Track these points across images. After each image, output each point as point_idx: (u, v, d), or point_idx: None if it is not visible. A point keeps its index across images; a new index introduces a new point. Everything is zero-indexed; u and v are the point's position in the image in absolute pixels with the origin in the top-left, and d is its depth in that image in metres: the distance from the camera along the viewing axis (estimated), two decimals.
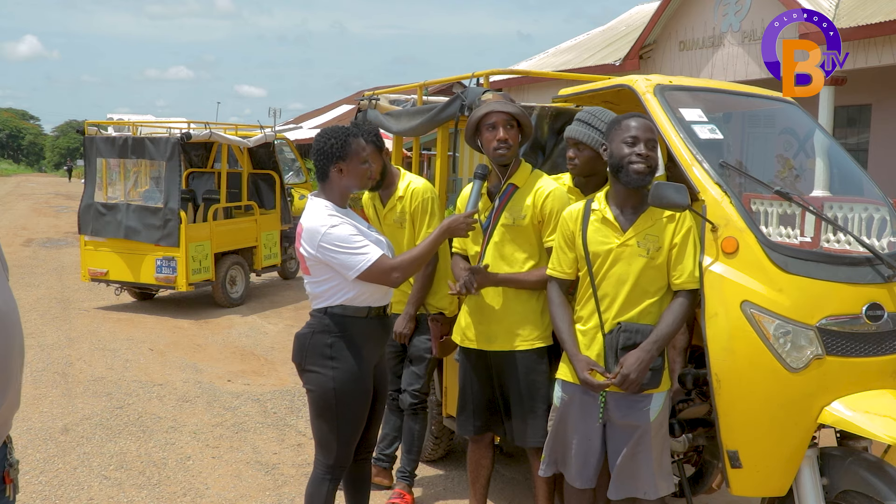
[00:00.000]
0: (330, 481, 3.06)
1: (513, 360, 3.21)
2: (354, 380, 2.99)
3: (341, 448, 3.04)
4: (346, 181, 3.02)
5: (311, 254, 2.95)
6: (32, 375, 6.26)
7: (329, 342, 2.97)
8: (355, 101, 5.74)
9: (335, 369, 2.96)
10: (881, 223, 8.43)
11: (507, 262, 3.19)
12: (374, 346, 3.10)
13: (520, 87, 16.35)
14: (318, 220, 2.93)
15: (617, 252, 2.83)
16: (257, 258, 9.94)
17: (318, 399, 3.01)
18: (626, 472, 2.86)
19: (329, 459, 3.06)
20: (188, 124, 9.51)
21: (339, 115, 29.83)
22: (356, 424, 3.05)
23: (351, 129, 3.12)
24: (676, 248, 2.79)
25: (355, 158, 3.01)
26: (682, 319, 2.80)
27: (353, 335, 2.99)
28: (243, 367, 6.73)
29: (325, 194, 3.04)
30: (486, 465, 3.50)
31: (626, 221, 2.85)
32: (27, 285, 10.42)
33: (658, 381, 2.80)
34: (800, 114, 3.52)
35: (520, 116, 3.16)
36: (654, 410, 2.81)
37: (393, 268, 2.93)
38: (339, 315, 2.98)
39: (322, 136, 3.03)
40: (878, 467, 2.62)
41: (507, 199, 3.21)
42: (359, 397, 3.02)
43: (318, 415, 3.04)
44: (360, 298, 2.99)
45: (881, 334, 2.74)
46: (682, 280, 2.79)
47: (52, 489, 4.20)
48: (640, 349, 2.75)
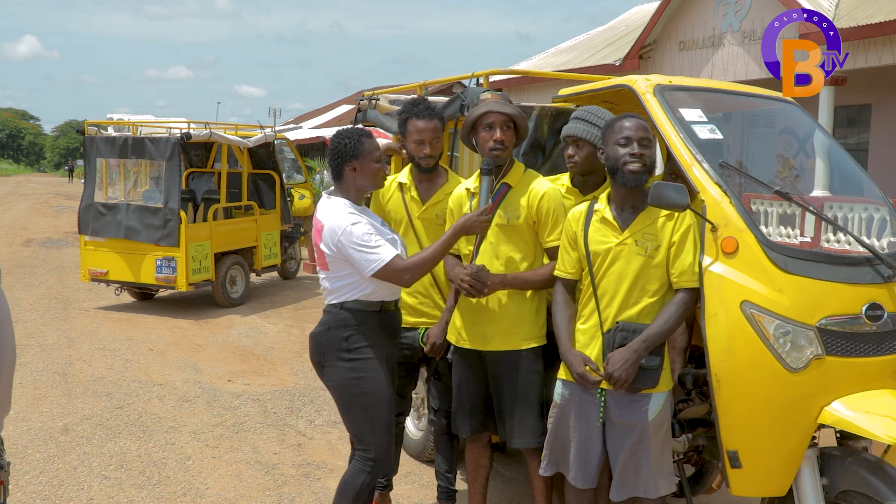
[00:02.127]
0: (368, 474, 3.06)
1: (508, 360, 3.21)
2: (372, 370, 3.05)
3: (378, 438, 3.06)
4: (360, 180, 3.11)
5: (333, 251, 3.03)
6: (32, 375, 6.26)
7: (345, 336, 3.05)
8: (355, 101, 5.74)
9: (353, 360, 3.04)
10: (881, 223, 8.43)
11: (502, 262, 3.18)
12: (386, 340, 3.17)
13: (520, 87, 16.34)
14: (339, 218, 3.00)
15: (616, 251, 2.83)
16: (257, 258, 9.94)
17: (343, 394, 3.07)
18: (628, 473, 2.86)
19: (369, 453, 3.07)
20: (188, 124, 9.52)
21: (339, 115, 29.83)
22: (385, 413, 3.08)
23: (365, 130, 3.19)
24: (675, 246, 2.79)
25: (368, 158, 3.09)
26: (678, 318, 2.79)
27: (368, 329, 3.07)
28: (243, 367, 6.73)
29: (342, 193, 3.12)
30: (484, 464, 3.50)
31: (625, 221, 2.86)
32: (27, 285, 10.42)
33: (654, 381, 2.79)
34: (800, 114, 3.52)
35: (517, 118, 3.16)
36: (653, 410, 2.81)
37: (406, 269, 3.00)
38: (354, 310, 3.07)
39: (337, 136, 3.12)
40: (878, 467, 2.62)
41: (501, 199, 3.20)
42: (380, 386, 3.06)
43: (346, 410, 3.10)
44: (375, 294, 3.08)
45: (881, 334, 2.74)
46: (681, 278, 2.79)
47: (52, 489, 4.20)
48: (627, 348, 2.75)
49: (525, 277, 3.16)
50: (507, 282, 3.14)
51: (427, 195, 3.56)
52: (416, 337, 3.61)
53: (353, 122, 4.86)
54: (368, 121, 4.77)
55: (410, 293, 3.59)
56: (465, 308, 3.28)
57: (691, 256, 2.78)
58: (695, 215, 2.80)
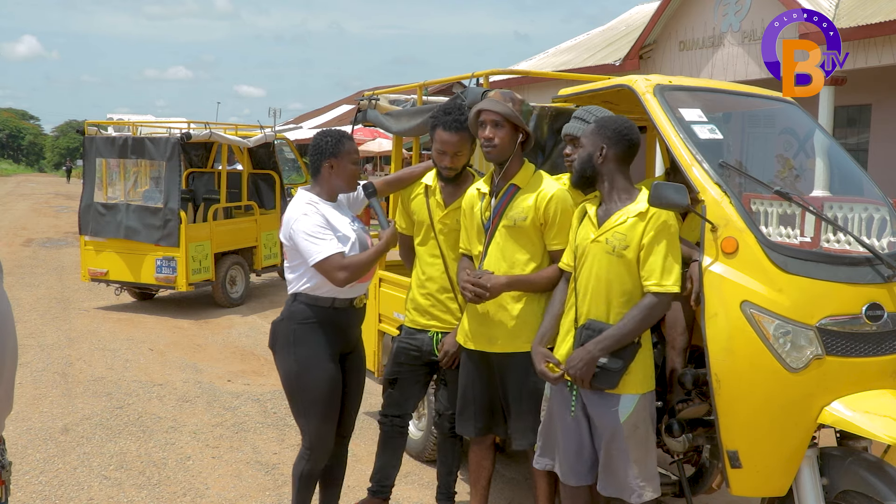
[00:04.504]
0: (307, 461, 3.26)
1: (514, 362, 3.21)
2: (315, 365, 3.17)
3: (313, 429, 3.22)
4: (335, 179, 3.25)
5: (287, 241, 3.20)
6: (32, 375, 6.26)
7: (293, 328, 3.20)
8: (355, 101, 5.73)
9: (297, 354, 3.18)
10: (881, 223, 8.43)
11: (509, 263, 3.18)
12: (340, 336, 3.26)
13: (520, 87, 16.32)
14: (294, 210, 3.16)
15: (591, 248, 2.86)
16: (257, 258, 9.94)
17: (285, 382, 3.24)
18: (607, 470, 2.87)
19: (305, 441, 3.26)
20: (188, 124, 9.52)
21: (339, 115, 29.83)
22: (326, 408, 3.21)
23: (347, 133, 3.28)
24: (644, 249, 2.76)
25: (346, 158, 3.24)
26: (640, 322, 2.75)
27: (317, 323, 3.19)
28: (243, 367, 6.73)
29: (315, 189, 3.27)
30: (487, 466, 3.50)
31: (603, 217, 2.88)
32: (27, 285, 10.42)
33: (614, 382, 2.78)
34: (800, 114, 3.52)
35: (510, 117, 3.12)
36: (624, 412, 2.80)
37: (342, 267, 3.07)
38: (306, 303, 3.20)
39: (320, 134, 3.28)
40: (878, 467, 2.62)
41: (509, 200, 3.20)
42: (322, 382, 3.18)
43: (288, 398, 3.27)
44: (324, 288, 3.17)
45: (881, 334, 2.74)
46: (647, 282, 2.76)
47: (52, 489, 4.20)
48: (584, 347, 2.78)
49: (529, 279, 3.16)
50: (511, 283, 3.14)
51: (450, 199, 3.49)
52: (425, 339, 3.56)
53: (354, 121, 4.86)
54: (369, 121, 4.77)
55: (423, 294, 3.56)
56: (472, 310, 3.28)
57: (660, 261, 2.73)
58: (669, 221, 2.76)
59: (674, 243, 2.77)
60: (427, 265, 3.55)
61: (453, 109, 3.37)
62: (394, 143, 4.93)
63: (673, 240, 2.76)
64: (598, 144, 2.87)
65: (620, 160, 2.87)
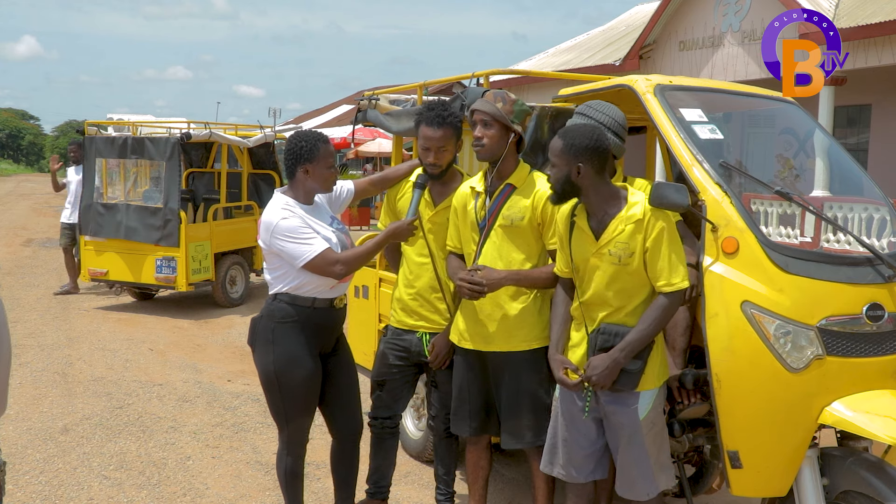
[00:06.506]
0: (287, 456, 3.33)
1: (510, 361, 3.20)
2: (294, 364, 3.19)
3: (289, 425, 3.29)
4: (310, 183, 3.24)
5: (265, 245, 3.20)
6: (32, 375, 6.26)
7: (272, 327, 3.21)
8: (355, 101, 5.73)
9: (275, 353, 3.20)
10: (881, 223, 8.43)
11: (505, 262, 3.17)
12: (321, 335, 3.28)
13: (519, 87, 16.34)
14: (271, 214, 3.16)
15: (593, 261, 2.83)
16: (257, 258, 9.92)
17: (262, 379, 3.28)
18: (626, 469, 2.87)
19: (283, 434, 3.34)
20: (188, 124, 9.51)
21: (339, 116, 29.83)
22: (302, 406, 3.26)
23: (322, 135, 3.28)
24: (649, 252, 2.75)
25: (322, 163, 3.22)
26: (658, 322, 2.76)
27: (297, 322, 3.20)
28: (243, 367, 6.72)
29: (291, 192, 3.27)
30: (484, 465, 3.49)
31: (598, 229, 2.84)
32: (27, 285, 10.42)
33: (634, 382, 2.78)
34: (800, 114, 3.52)
35: (498, 117, 3.12)
36: (643, 409, 2.80)
37: (337, 260, 3.12)
38: (285, 302, 3.21)
39: (295, 137, 3.26)
40: (879, 467, 2.62)
41: (505, 200, 3.20)
42: (299, 381, 3.21)
43: (265, 394, 3.31)
44: (304, 289, 3.19)
45: (881, 334, 2.74)
46: (657, 283, 2.76)
47: (52, 489, 4.20)
48: (608, 355, 2.75)
49: (527, 275, 3.15)
50: (510, 278, 3.13)
51: (440, 198, 3.48)
52: (413, 340, 3.55)
53: (353, 121, 4.86)
54: (368, 121, 4.77)
55: (411, 294, 3.55)
56: (468, 309, 3.27)
57: (667, 261, 2.72)
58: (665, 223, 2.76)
59: (674, 240, 2.77)
60: (415, 265, 3.54)
61: (436, 105, 3.42)
62: (394, 143, 4.93)
63: (673, 237, 2.76)
64: (572, 164, 2.79)
65: (598, 171, 2.81)
